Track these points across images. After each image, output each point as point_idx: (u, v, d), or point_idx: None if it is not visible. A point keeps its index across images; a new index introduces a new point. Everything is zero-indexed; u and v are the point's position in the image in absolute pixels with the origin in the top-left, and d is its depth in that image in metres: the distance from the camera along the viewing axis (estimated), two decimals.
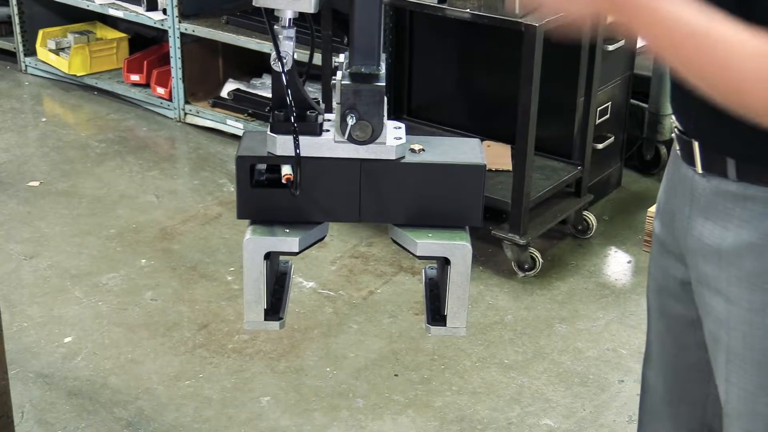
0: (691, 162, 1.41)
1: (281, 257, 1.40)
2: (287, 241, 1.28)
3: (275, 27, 1.24)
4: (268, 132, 1.26)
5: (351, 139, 1.23)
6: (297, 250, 1.28)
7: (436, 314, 1.37)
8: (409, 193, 1.30)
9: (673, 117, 1.48)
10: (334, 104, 1.25)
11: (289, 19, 1.24)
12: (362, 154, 1.25)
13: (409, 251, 1.32)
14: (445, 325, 1.35)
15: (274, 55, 1.25)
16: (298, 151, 1.21)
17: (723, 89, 1.17)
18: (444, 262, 1.32)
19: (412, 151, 1.30)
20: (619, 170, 3.97)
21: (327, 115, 1.30)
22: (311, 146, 1.24)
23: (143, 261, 3.47)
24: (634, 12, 1.19)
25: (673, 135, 1.48)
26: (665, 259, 1.56)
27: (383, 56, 1.28)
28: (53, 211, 3.81)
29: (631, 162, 4.05)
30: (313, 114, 1.26)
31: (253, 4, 1.21)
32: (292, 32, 1.25)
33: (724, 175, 1.36)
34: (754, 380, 1.40)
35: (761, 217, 1.33)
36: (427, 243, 1.29)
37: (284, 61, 1.22)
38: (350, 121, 1.22)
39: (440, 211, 1.32)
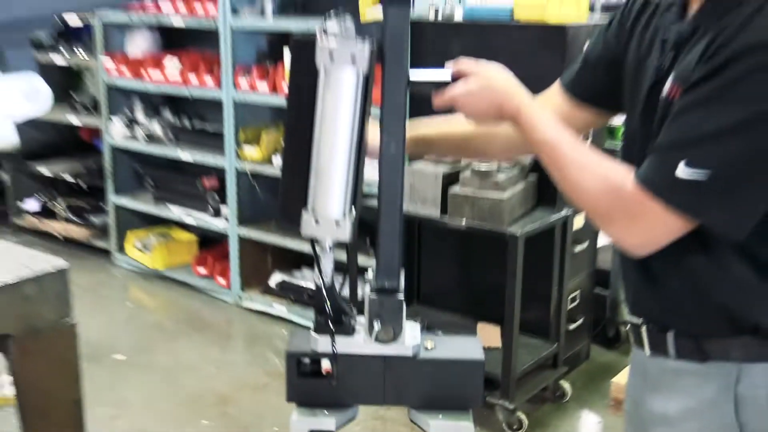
0: (640, 346, 1.44)
1: None
2: (326, 422, 1.26)
3: (318, 251, 1.27)
4: (312, 333, 1.26)
5: (377, 340, 1.23)
6: (334, 429, 1.26)
7: None
8: (424, 382, 1.29)
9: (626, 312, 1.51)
10: (365, 312, 1.26)
11: (329, 246, 1.27)
12: (386, 352, 1.25)
13: (423, 430, 1.30)
14: None
15: (317, 272, 1.27)
16: (335, 350, 1.21)
17: (566, 192, 1.34)
18: None
19: (426, 348, 1.30)
20: (588, 345, 3.91)
21: (357, 318, 1.31)
22: (346, 345, 1.24)
23: (205, 423, 3.39)
24: (520, 126, 1.36)
25: (628, 327, 1.51)
26: None
27: (402, 272, 1.30)
28: (133, 380, 3.77)
29: (598, 338, 4.00)
30: (347, 318, 1.27)
31: (302, 235, 1.24)
32: (331, 255, 1.27)
33: (665, 353, 1.38)
34: None
35: (696, 388, 1.35)
36: (438, 424, 1.28)
37: (325, 278, 1.24)
38: (376, 326, 1.22)
39: (448, 396, 1.31)
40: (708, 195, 1.19)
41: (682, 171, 1.18)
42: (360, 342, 1.25)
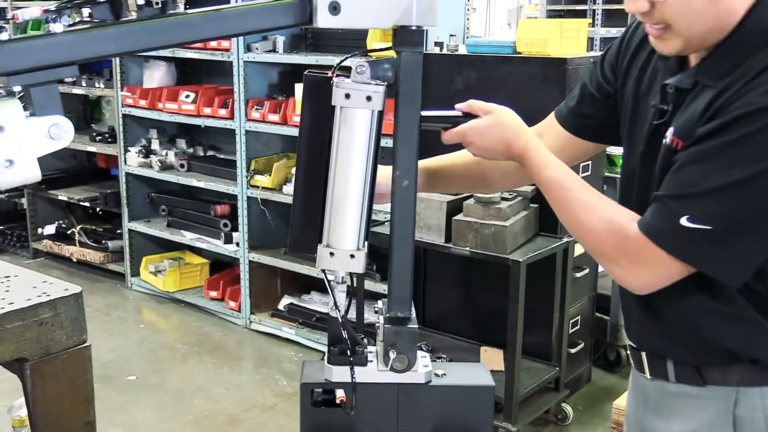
0: (641, 370, 1.43)
1: None
2: None
3: (332, 282, 1.25)
4: (326, 363, 1.24)
5: (392, 369, 1.21)
6: None
7: None
8: (436, 408, 1.27)
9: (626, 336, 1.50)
10: (377, 341, 1.24)
11: (342, 277, 1.25)
12: (400, 379, 1.24)
13: None
14: None
15: (331, 303, 1.25)
16: (354, 379, 1.19)
17: (570, 231, 1.33)
18: None
19: (436, 375, 1.28)
20: (589, 369, 3.87)
21: (369, 348, 1.29)
22: (361, 374, 1.22)
23: None
24: (527, 164, 1.36)
25: (627, 352, 1.49)
26: None
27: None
28: (145, 401, 3.73)
29: (599, 362, 3.96)
30: (361, 349, 1.25)
31: (317, 266, 1.22)
32: (344, 287, 1.26)
33: (665, 378, 1.37)
34: None
35: (696, 410, 1.34)
36: None
37: (340, 310, 1.22)
38: (392, 355, 1.21)
39: (460, 421, 1.28)
40: (710, 247, 1.19)
41: (685, 223, 1.18)
42: (374, 371, 1.23)
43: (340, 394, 1.23)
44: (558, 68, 3.21)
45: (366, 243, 1.24)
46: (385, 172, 1.25)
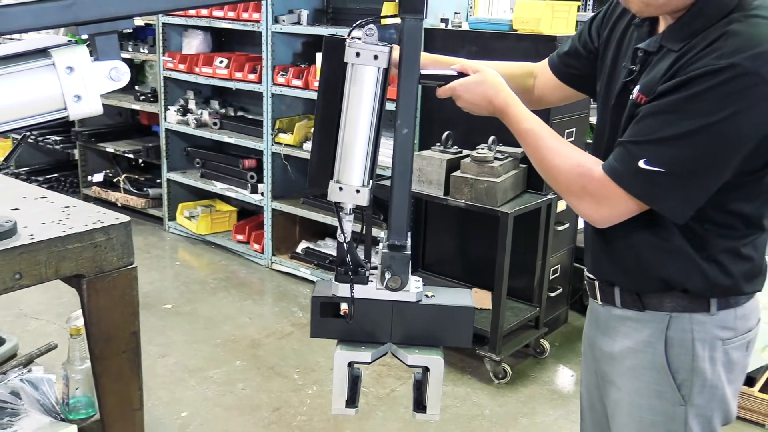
0: (594, 297, 1.52)
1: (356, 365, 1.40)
2: (363, 355, 1.30)
3: (340, 213, 1.32)
4: (333, 281, 1.32)
5: (387, 288, 1.29)
6: (369, 361, 1.31)
7: (419, 404, 1.36)
8: (424, 323, 1.33)
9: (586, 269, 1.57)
10: (378, 265, 1.31)
11: (350, 209, 1.32)
12: (394, 297, 1.30)
13: (402, 362, 1.34)
14: (425, 412, 1.34)
15: (339, 231, 1.32)
16: (353, 294, 1.26)
17: (543, 174, 1.39)
18: (425, 370, 1.34)
19: (426, 296, 1.35)
20: (566, 311, 3.96)
21: (370, 270, 1.36)
22: (361, 291, 1.30)
23: (238, 362, 3.47)
24: (506, 118, 1.41)
25: (585, 282, 1.57)
26: (587, 371, 1.61)
27: (409, 233, 1.35)
28: (179, 325, 3.85)
29: (575, 306, 4.05)
30: (363, 270, 1.32)
31: (328, 198, 1.29)
32: (351, 217, 1.32)
33: (613, 303, 1.45)
34: None
35: (635, 331, 1.43)
36: (415, 357, 1.32)
37: (346, 236, 1.30)
38: (387, 276, 1.27)
39: (444, 335, 1.35)
40: (661, 187, 1.25)
41: (642, 165, 1.24)
42: (373, 289, 1.30)
43: (344, 307, 1.31)
44: (548, 45, 3.23)
45: (370, 181, 1.30)
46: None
